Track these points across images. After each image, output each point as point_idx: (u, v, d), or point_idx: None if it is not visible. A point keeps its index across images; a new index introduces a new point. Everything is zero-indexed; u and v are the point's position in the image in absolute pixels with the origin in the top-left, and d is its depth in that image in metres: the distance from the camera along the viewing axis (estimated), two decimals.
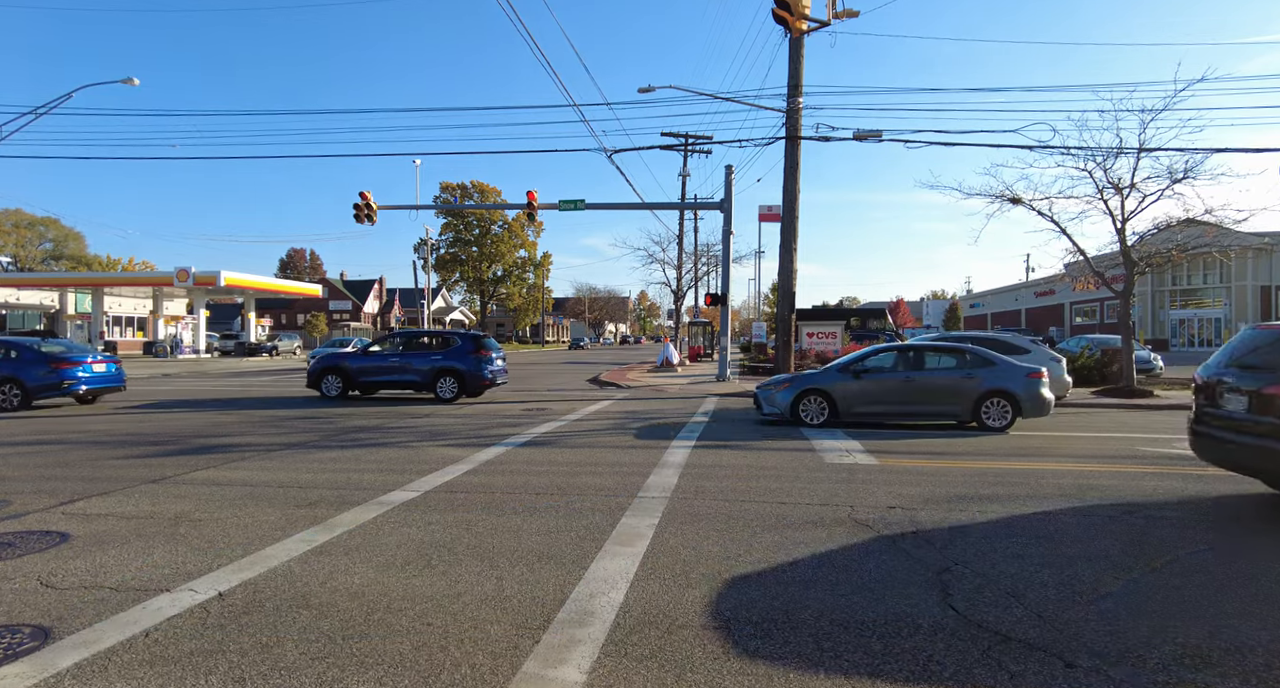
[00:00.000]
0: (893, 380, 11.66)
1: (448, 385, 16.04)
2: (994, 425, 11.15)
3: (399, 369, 16.56)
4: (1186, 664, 3.19)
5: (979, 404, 11.20)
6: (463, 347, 16.49)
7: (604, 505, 6.16)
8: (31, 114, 24.50)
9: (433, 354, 16.48)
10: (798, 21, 16.52)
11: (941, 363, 11.89)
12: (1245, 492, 6.83)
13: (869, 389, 11.62)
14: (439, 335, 17.58)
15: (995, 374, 11.26)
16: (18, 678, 3.04)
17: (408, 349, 17.06)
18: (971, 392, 11.25)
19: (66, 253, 74.54)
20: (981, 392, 11.19)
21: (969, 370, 11.44)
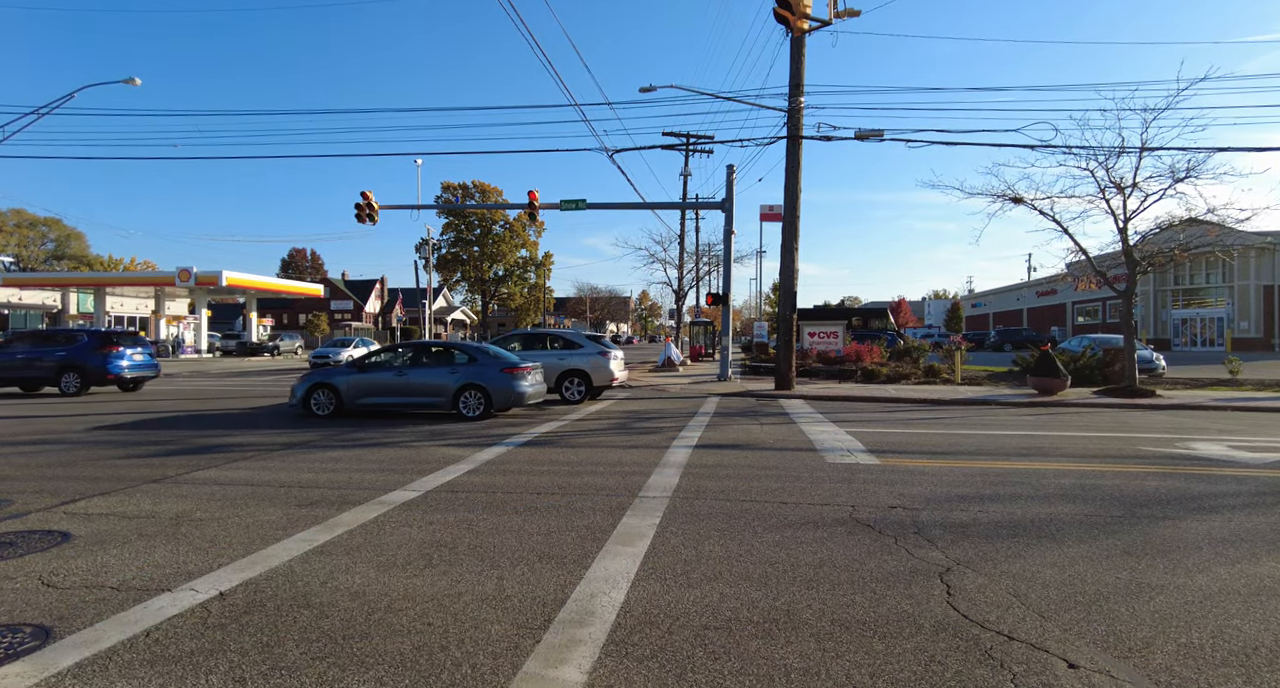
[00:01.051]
0: (389, 375, 13.02)
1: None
2: (469, 415, 12.55)
3: None
4: (1190, 664, 3.18)
5: (458, 396, 12.65)
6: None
7: (605, 505, 6.15)
8: (34, 114, 24.54)
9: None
10: (799, 21, 16.51)
11: (434, 360, 13.46)
12: (1247, 492, 6.80)
13: (371, 382, 12.91)
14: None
15: (473, 371, 12.79)
16: (19, 677, 3.04)
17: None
18: (451, 386, 12.71)
19: (68, 253, 74.62)
20: (459, 386, 12.66)
21: (453, 367, 12.93)
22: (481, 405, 12.65)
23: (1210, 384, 19.36)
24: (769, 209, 33.40)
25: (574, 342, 16.98)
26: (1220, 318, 45.68)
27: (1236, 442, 9.95)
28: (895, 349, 27.26)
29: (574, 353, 16.57)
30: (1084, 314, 56.94)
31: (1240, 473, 7.77)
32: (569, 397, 16.01)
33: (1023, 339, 44.75)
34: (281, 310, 79.86)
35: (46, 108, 24.37)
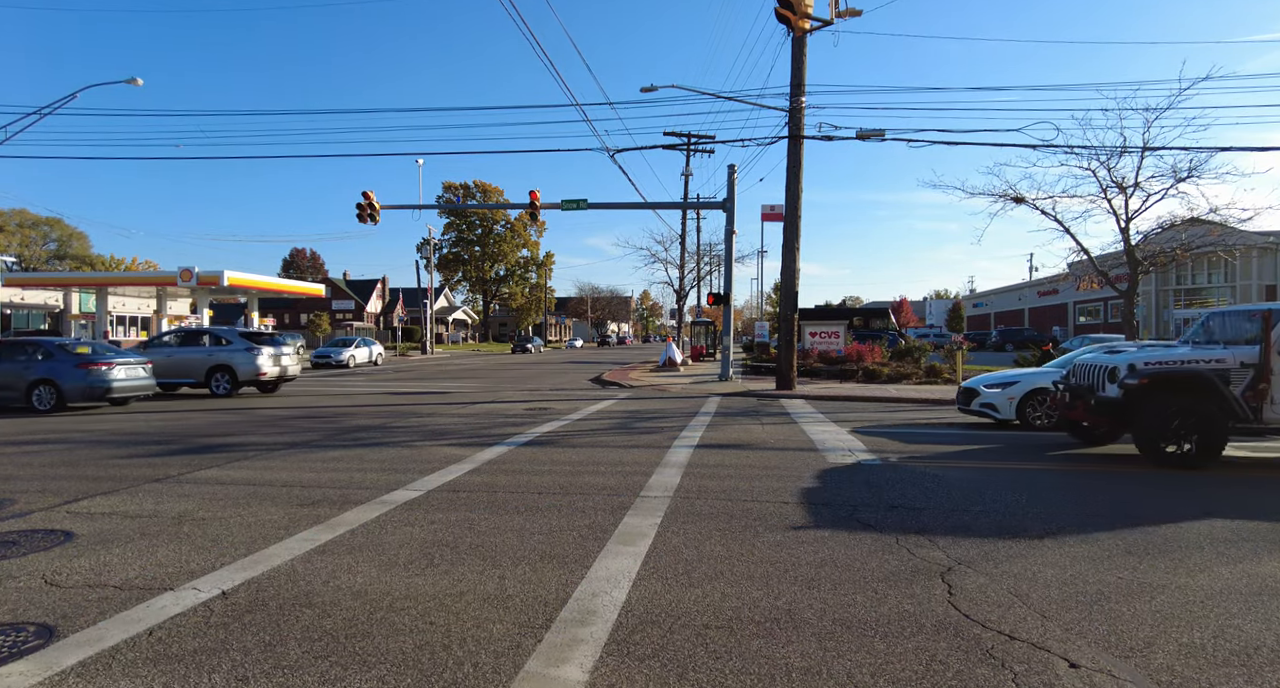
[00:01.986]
0: None
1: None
2: (39, 408, 13.95)
3: None
4: (1191, 664, 3.18)
5: (30, 390, 14.04)
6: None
7: (606, 505, 6.16)
8: (36, 114, 24.57)
9: None
10: (800, 20, 16.51)
11: (10, 357, 14.58)
12: (1249, 494, 6.80)
13: None
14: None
15: (47, 366, 14.14)
16: (22, 676, 3.05)
17: None
18: (24, 379, 14.06)
19: (70, 253, 74.75)
20: (31, 380, 14.05)
21: (28, 363, 14.27)
22: (54, 398, 14.15)
23: None
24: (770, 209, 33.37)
25: (225, 338, 18.26)
26: None
27: (1237, 441, 9.94)
28: (896, 349, 27.23)
29: (223, 349, 17.86)
30: (1086, 314, 56.87)
31: (1241, 472, 7.76)
32: (217, 390, 17.62)
33: (1024, 339, 44.69)
34: (283, 310, 79.89)
35: (49, 108, 24.41)
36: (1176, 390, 7.81)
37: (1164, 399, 7.79)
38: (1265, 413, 7.63)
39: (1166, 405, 7.75)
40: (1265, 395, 7.55)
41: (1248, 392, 7.60)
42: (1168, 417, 7.74)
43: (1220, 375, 7.70)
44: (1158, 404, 7.79)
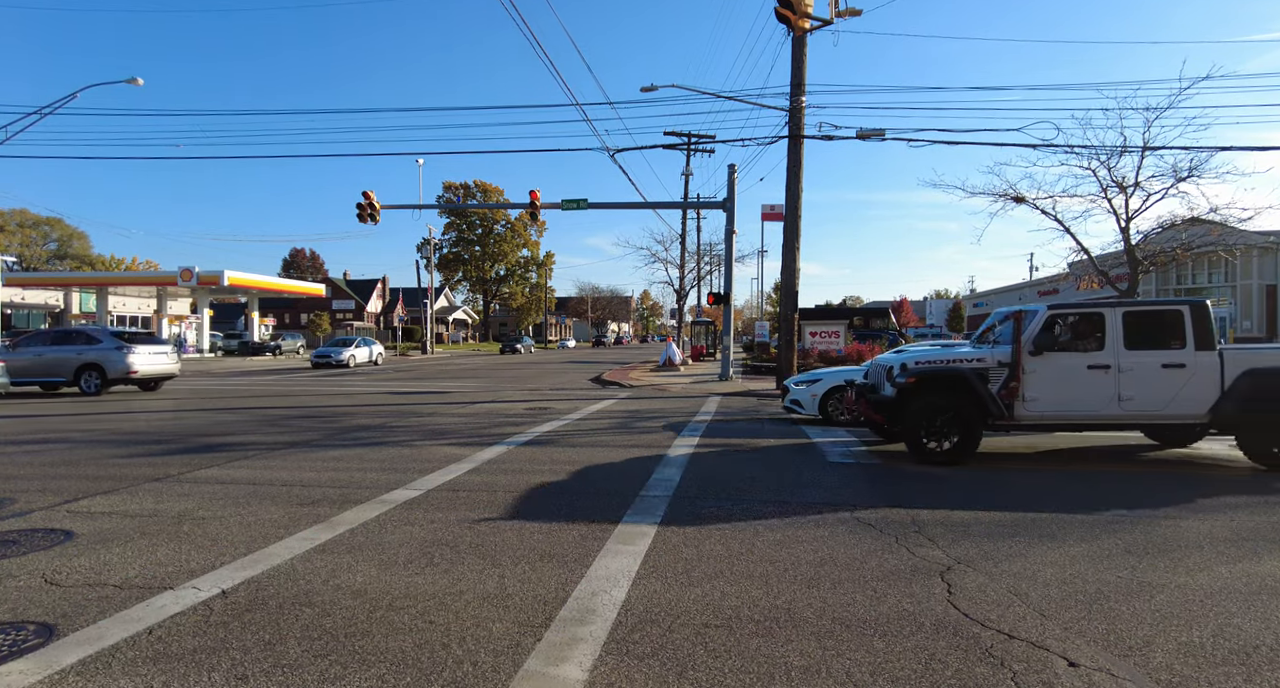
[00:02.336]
0: None
1: None
2: None
3: None
4: (1190, 663, 3.18)
5: None
6: None
7: (606, 504, 6.16)
8: (36, 114, 24.59)
9: None
10: (800, 20, 16.51)
11: None
12: (1250, 491, 6.80)
13: None
14: None
15: None
16: (22, 675, 3.06)
17: None
18: None
19: (71, 252, 74.78)
20: None
21: None
22: None
23: None
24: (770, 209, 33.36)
25: (95, 338, 18.67)
26: (1223, 317, 45.51)
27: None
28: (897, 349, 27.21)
29: (92, 348, 18.19)
30: None
31: (1242, 473, 7.76)
32: (87, 389, 17.88)
33: None
34: (283, 310, 79.89)
35: (49, 108, 24.43)
36: (941, 389, 8.07)
37: (928, 398, 8.04)
38: (1018, 410, 7.98)
39: (930, 404, 8.01)
40: (1017, 393, 7.90)
41: (1003, 390, 7.93)
42: (931, 414, 8.00)
43: (980, 375, 8.01)
44: (922, 402, 8.04)
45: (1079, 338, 8.22)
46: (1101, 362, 7.89)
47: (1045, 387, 7.93)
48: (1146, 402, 7.84)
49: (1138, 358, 7.86)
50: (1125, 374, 7.83)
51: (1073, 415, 8.04)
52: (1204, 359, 7.77)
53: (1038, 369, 7.93)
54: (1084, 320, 8.27)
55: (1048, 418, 8.05)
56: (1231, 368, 7.75)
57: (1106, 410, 7.89)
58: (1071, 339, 8.25)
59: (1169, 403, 7.82)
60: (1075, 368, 7.95)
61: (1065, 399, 7.95)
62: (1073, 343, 8.19)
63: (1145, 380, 7.82)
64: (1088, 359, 7.95)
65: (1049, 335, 8.06)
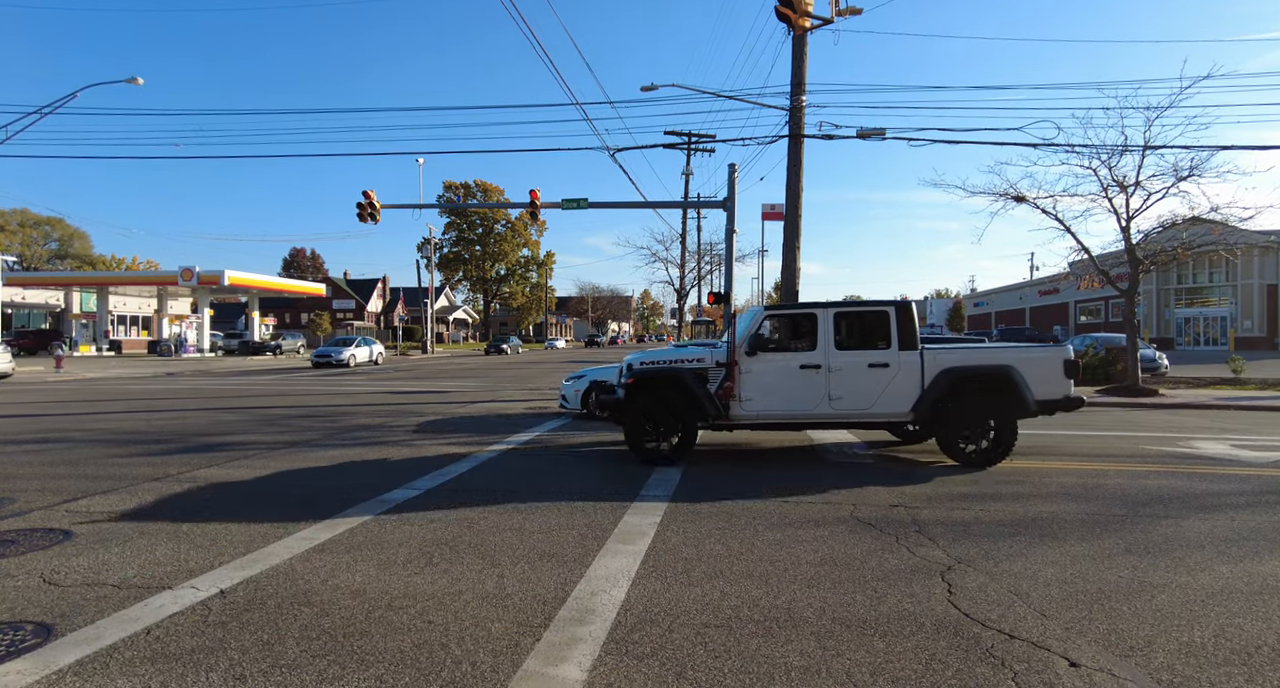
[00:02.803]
0: None
1: None
2: None
3: None
4: (1192, 663, 3.17)
5: None
6: None
7: (606, 504, 6.15)
8: (36, 114, 24.59)
9: None
10: (801, 19, 16.49)
11: None
12: (1250, 491, 6.78)
13: None
14: None
15: None
16: (19, 675, 3.05)
17: None
18: None
19: (71, 252, 74.79)
20: None
21: None
22: None
23: (1213, 383, 19.31)
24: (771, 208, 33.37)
25: None
26: (1223, 317, 45.57)
27: (1239, 441, 9.93)
28: None
29: None
30: (1086, 313, 56.82)
31: (1243, 472, 7.74)
32: None
33: (1025, 338, 44.68)
34: (284, 310, 79.91)
35: (49, 107, 24.43)
36: (660, 390, 8.11)
37: (648, 398, 8.06)
38: (734, 410, 8.01)
39: (649, 404, 8.03)
40: (732, 393, 7.96)
41: (719, 390, 7.98)
42: (650, 414, 8.00)
43: (699, 375, 8.07)
44: (642, 402, 8.05)
45: (793, 339, 8.28)
46: (813, 362, 7.97)
47: (760, 387, 7.99)
48: (854, 401, 7.94)
49: (847, 358, 7.98)
50: (835, 374, 7.93)
51: (787, 415, 8.07)
52: (907, 359, 7.93)
53: (753, 369, 8.00)
54: (798, 321, 8.32)
55: (763, 417, 8.06)
56: (931, 367, 7.91)
57: (818, 410, 7.97)
58: (786, 340, 8.31)
59: (875, 402, 7.93)
60: (789, 368, 8.03)
61: (779, 399, 8.00)
62: (787, 344, 8.27)
63: (853, 380, 7.92)
64: (800, 359, 8.03)
65: (765, 336, 8.14)
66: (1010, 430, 7.83)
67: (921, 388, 7.90)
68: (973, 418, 7.86)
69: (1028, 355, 8.12)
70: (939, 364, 7.93)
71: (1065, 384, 8.10)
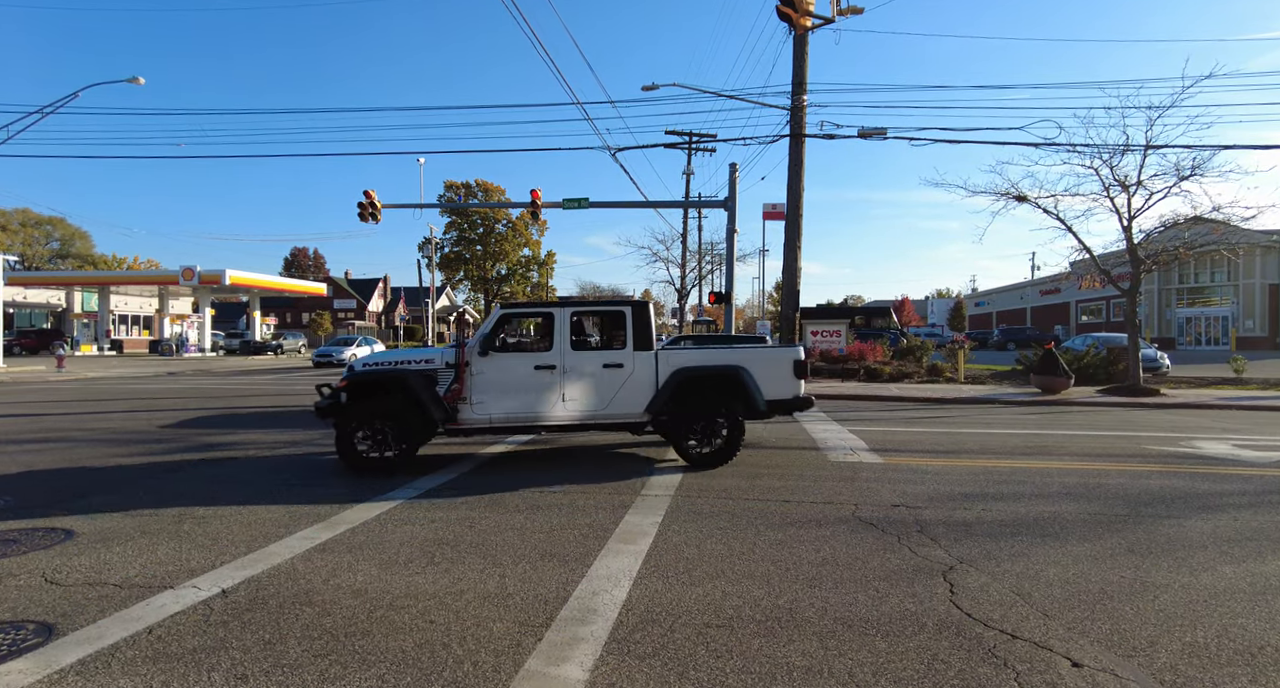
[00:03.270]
0: None
1: None
2: None
3: None
4: (1194, 663, 3.16)
5: None
6: None
7: (607, 503, 6.15)
8: (38, 113, 24.62)
9: None
10: (802, 18, 16.49)
11: None
12: (1252, 491, 6.78)
13: None
14: None
15: None
16: (21, 674, 3.05)
17: None
18: None
19: (73, 252, 74.87)
20: None
21: None
22: None
23: (1215, 383, 19.29)
24: (772, 208, 33.38)
25: None
26: (1225, 317, 45.53)
27: (1241, 440, 9.91)
28: (898, 348, 27.19)
29: None
30: (1088, 313, 56.79)
31: (1245, 472, 7.74)
32: None
33: (1026, 338, 44.62)
34: (285, 309, 79.97)
35: (50, 107, 24.46)
36: (383, 393, 7.61)
37: (369, 402, 7.51)
38: (465, 413, 7.63)
39: (369, 408, 7.45)
40: (460, 395, 7.59)
41: (448, 393, 7.60)
42: (369, 419, 7.42)
43: (427, 377, 7.62)
44: (361, 407, 7.47)
45: (529, 338, 8.00)
46: (548, 362, 7.71)
47: (492, 389, 7.64)
48: (589, 402, 7.74)
49: (582, 358, 7.78)
50: (570, 375, 7.71)
51: (521, 418, 7.74)
52: (641, 359, 7.78)
53: (485, 371, 7.64)
54: (535, 321, 7.96)
55: (497, 421, 7.70)
56: (664, 368, 7.79)
57: (553, 412, 7.70)
58: (522, 340, 7.90)
59: (610, 403, 7.76)
60: (523, 369, 7.73)
61: (513, 401, 7.68)
62: (523, 344, 7.92)
63: (588, 381, 7.74)
64: (535, 360, 7.76)
65: (499, 336, 7.83)
66: (739, 430, 7.76)
67: (656, 388, 7.76)
68: (703, 418, 7.74)
69: (758, 356, 8.07)
70: (672, 364, 7.80)
71: (795, 384, 8.06)
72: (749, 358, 8.01)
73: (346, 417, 7.47)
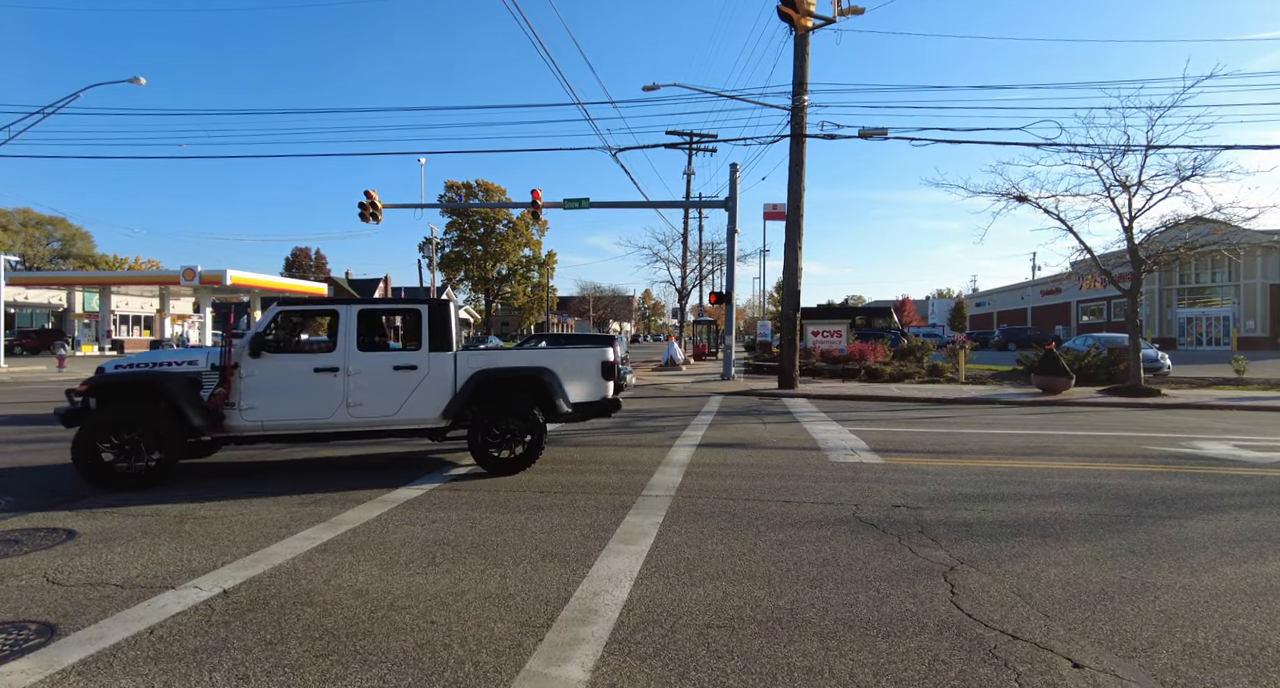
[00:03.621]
0: None
1: None
2: None
3: None
4: (1195, 664, 3.16)
5: None
6: None
7: (608, 504, 6.15)
8: (39, 113, 24.63)
9: None
10: (802, 18, 16.49)
11: None
12: (1253, 491, 6.77)
13: None
14: None
15: None
16: (23, 674, 3.05)
17: None
18: None
19: (74, 252, 74.88)
20: None
21: None
22: None
23: (1216, 383, 19.28)
24: (772, 208, 33.35)
25: None
26: (1226, 317, 45.49)
27: (1242, 441, 9.91)
28: (899, 348, 27.21)
29: None
30: (1089, 313, 56.75)
31: (1246, 472, 7.73)
32: None
33: (1027, 338, 44.61)
34: None
35: (52, 107, 24.47)
36: (138, 397, 6.93)
37: (118, 407, 6.81)
38: (233, 420, 7.01)
39: (115, 415, 6.72)
40: (226, 400, 7.01)
41: (212, 397, 6.99)
42: (115, 428, 6.69)
43: (190, 381, 6.96)
44: (107, 413, 6.74)
45: (310, 338, 7.45)
46: (330, 364, 7.18)
47: (265, 393, 7.04)
48: (378, 407, 7.27)
49: (370, 360, 7.32)
50: (356, 377, 7.20)
51: (299, 424, 7.16)
52: (437, 361, 7.42)
53: (257, 373, 7.03)
54: (317, 319, 7.52)
55: (270, 428, 7.09)
56: (464, 370, 7.47)
57: (336, 418, 7.17)
58: (302, 340, 7.52)
59: (402, 407, 7.32)
60: (301, 371, 7.16)
61: (289, 406, 7.08)
62: (302, 344, 7.44)
63: (377, 384, 7.26)
64: (316, 362, 7.21)
65: (273, 335, 7.30)
66: (541, 434, 7.52)
67: (454, 392, 7.40)
68: (505, 422, 7.46)
69: (563, 357, 7.86)
70: (471, 366, 7.48)
71: (604, 386, 7.86)
72: (553, 359, 7.78)
73: (89, 424, 6.68)
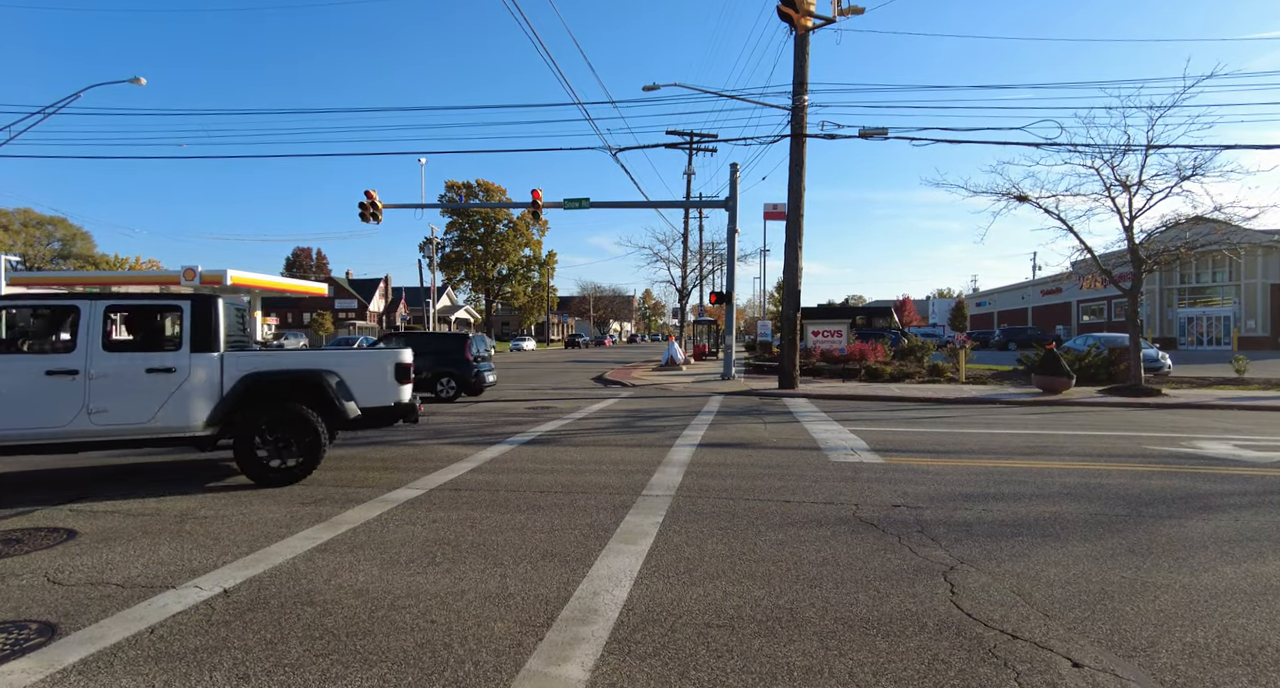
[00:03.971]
0: None
1: None
2: None
3: None
4: (1195, 663, 3.16)
5: None
6: None
7: (608, 503, 6.16)
8: (40, 114, 24.65)
9: None
10: (803, 18, 16.49)
11: None
12: (1253, 491, 6.77)
13: None
14: None
15: None
16: (24, 674, 3.06)
17: None
18: None
19: (74, 252, 74.90)
20: None
21: None
22: None
23: (1216, 383, 19.27)
24: (773, 208, 33.37)
25: None
26: (1226, 316, 45.45)
27: (1243, 441, 9.91)
28: (899, 348, 27.19)
29: None
30: (1089, 313, 56.72)
31: (1246, 472, 7.73)
32: None
33: (1027, 338, 44.58)
34: (286, 309, 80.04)
35: (52, 107, 24.48)
36: None
37: None
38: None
39: None
40: None
41: None
42: None
43: None
44: None
45: (43, 337, 6.93)
46: (66, 366, 6.36)
47: None
48: (127, 414, 6.49)
49: (118, 362, 6.53)
50: (100, 381, 6.42)
51: (29, 435, 6.29)
52: (200, 363, 6.69)
53: None
54: (52, 316, 6.94)
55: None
56: (232, 373, 6.82)
57: (75, 426, 6.36)
58: (31, 338, 6.88)
59: (157, 414, 6.56)
60: (29, 374, 6.33)
61: (14, 415, 6.23)
62: (32, 343, 6.81)
63: (126, 389, 6.51)
64: (49, 363, 6.39)
65: None
66: (319, 440, 6.94)
67: (220, 396, 6.77)
68: (277, 430, 6.88)
69: (350, 359, 7.41)
70: (241, 368, 6.86)
71: (397, 390, 7.35)
72: (338, 361, 7.29)
73: None
